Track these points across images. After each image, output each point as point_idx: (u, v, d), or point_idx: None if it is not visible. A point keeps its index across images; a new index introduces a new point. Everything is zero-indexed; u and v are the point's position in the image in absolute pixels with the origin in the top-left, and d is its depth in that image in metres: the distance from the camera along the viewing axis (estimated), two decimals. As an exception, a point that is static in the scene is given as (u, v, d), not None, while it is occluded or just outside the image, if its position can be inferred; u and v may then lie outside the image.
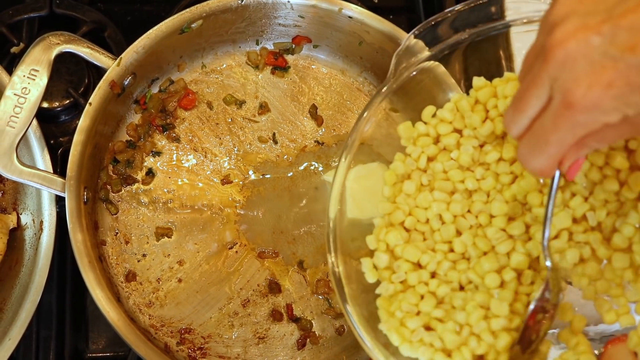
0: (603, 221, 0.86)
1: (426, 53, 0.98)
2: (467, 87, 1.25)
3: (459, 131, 0.94)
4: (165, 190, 1.15)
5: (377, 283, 0.92)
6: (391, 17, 1.18)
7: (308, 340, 1.13)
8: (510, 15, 0.97)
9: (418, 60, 0.98)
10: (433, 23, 0.98)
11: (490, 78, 0.95)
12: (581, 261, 0.86)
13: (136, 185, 1.15)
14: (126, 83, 1.11)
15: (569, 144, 0.69)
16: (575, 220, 0.87)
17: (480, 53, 1.01)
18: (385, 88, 0.98)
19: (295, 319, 1.13)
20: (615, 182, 0.85)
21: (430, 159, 0.94)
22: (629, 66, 0.63)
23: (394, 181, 0.95)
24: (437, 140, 0.94)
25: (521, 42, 0.97)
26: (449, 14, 0.97)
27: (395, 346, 0.89)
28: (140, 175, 1.15)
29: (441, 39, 0.98)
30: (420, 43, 0.99)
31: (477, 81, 0.94)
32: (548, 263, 0.83)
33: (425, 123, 0.96)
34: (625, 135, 0.70)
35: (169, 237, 1.13)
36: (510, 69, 1.01)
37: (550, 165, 0.72)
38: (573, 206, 0.86)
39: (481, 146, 0.92)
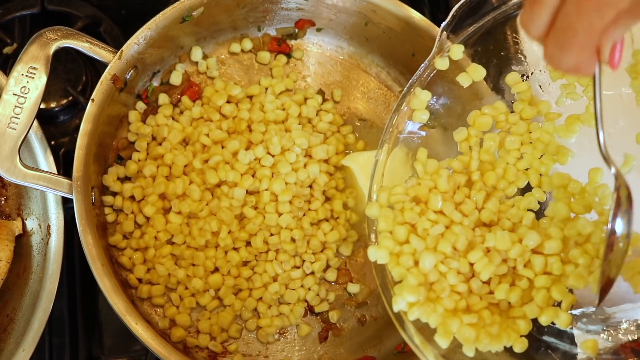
0: None
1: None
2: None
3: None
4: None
5: None
6: (394, -5, 1.15)
7: (330, 332, 1.09)
8: None
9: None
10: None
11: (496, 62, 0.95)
12: None
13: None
14: (128, 77, 1.07)
15: (599, 28, 0.63)
16: None
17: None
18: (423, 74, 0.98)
19: (316, 312, 1.10)
20: None
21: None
22: None
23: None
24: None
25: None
26: None
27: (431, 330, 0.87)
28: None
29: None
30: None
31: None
32: (612, 170, 0.76)
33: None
34: None
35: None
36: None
37: (585, 58, 0.66)
38: None
39: None
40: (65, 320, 1.09)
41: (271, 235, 1.07)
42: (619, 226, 0.75)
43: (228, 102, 1.14)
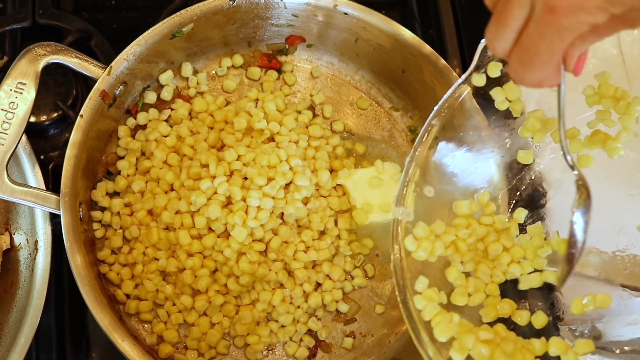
0: None
1: None
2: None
3: None
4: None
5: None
6: (383, 12, 1.15)
7: (319, 349, 1.09)
8: None
9: None
10: None
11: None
12: None
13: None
14: (117, 92, 1.07)
15: (560, 49, 0.67)
16: None
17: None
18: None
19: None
20: None
21: None
22: None
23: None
24: None
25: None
26: None
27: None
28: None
29: None
30: None
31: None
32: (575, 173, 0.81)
33: None
34: (619, 29, 0.68)
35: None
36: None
37: (547, 74, 0.70)
38: None
39: None
40: (52, 336, 1.09)
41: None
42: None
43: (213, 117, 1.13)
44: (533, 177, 1.02)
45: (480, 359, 0.85)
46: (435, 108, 0.95)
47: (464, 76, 0.95)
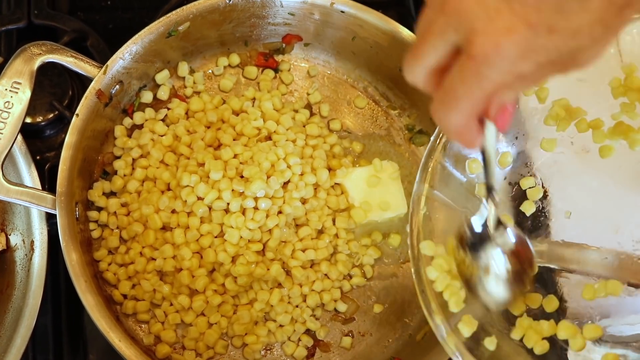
0: None
1: None
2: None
3: None
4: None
5: None
6: (380, 11, 1.14)
7: (317, 349, 1.09)
8: None
9: None
10: None
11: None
12: None
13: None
14: (113, 92, 1.07)
15: (480, 97, 0.62)
16: None
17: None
18: None
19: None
20: None
21: None
22: (525, 5, 0.56)
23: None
24: None
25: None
26: None
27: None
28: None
29: None
30: None
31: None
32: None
33: None
34: (552, 74, 0.62)
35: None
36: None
37: (463, 123, 0.65)
38: None
39: None
40: (49, 337, 1.08)
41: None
42: None
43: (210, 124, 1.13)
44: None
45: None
46: None
47: None
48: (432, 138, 0.94)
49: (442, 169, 0.96)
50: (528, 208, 0.97)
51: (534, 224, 0.97)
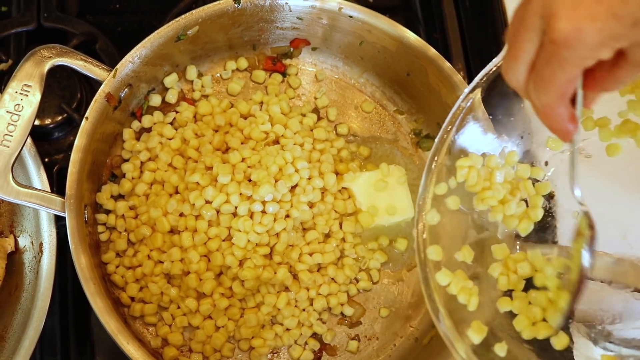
0: None
1: None
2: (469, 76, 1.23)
3: None
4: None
5: None
6: (387, 16, 1.15)
7: (324, 352, 1.09)
8: None
9: None
10: None
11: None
12: None
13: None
14: (122, 95, 1.07)
15: (563, 80, 0.67)
16: None
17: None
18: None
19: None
20: None
21: None
22: None
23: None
24: None
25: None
26: None
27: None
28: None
29: None
30: None
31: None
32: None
33: None
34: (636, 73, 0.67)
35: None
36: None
37: (553, 103, 0.69)
38: None
39: None
40: (57, 339, 1.08)
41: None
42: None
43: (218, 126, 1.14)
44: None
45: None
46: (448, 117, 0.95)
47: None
48: (435, 140, 0.94)
49: (447, 171, 0.96)
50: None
51: (541, 225, 0.97)
